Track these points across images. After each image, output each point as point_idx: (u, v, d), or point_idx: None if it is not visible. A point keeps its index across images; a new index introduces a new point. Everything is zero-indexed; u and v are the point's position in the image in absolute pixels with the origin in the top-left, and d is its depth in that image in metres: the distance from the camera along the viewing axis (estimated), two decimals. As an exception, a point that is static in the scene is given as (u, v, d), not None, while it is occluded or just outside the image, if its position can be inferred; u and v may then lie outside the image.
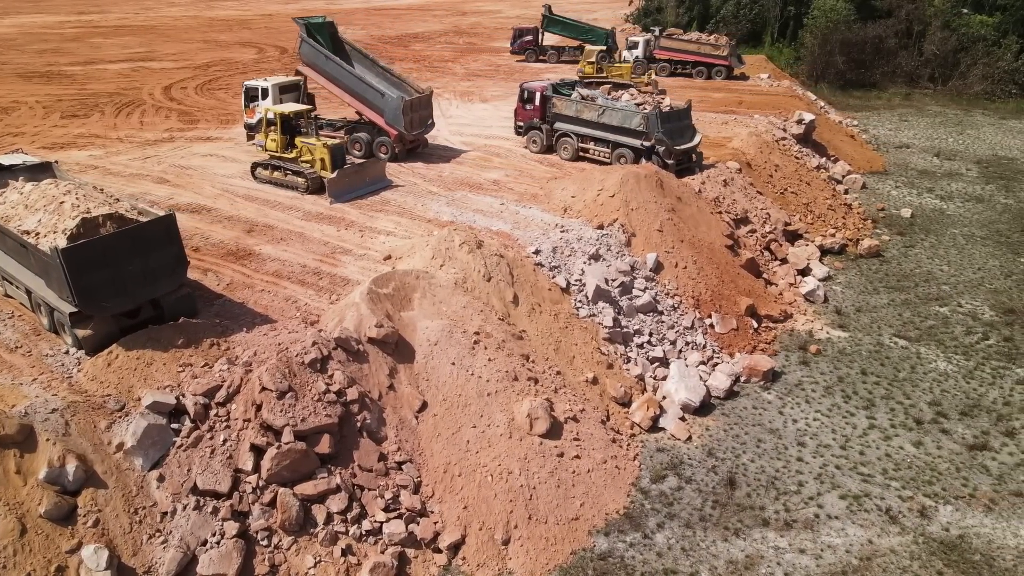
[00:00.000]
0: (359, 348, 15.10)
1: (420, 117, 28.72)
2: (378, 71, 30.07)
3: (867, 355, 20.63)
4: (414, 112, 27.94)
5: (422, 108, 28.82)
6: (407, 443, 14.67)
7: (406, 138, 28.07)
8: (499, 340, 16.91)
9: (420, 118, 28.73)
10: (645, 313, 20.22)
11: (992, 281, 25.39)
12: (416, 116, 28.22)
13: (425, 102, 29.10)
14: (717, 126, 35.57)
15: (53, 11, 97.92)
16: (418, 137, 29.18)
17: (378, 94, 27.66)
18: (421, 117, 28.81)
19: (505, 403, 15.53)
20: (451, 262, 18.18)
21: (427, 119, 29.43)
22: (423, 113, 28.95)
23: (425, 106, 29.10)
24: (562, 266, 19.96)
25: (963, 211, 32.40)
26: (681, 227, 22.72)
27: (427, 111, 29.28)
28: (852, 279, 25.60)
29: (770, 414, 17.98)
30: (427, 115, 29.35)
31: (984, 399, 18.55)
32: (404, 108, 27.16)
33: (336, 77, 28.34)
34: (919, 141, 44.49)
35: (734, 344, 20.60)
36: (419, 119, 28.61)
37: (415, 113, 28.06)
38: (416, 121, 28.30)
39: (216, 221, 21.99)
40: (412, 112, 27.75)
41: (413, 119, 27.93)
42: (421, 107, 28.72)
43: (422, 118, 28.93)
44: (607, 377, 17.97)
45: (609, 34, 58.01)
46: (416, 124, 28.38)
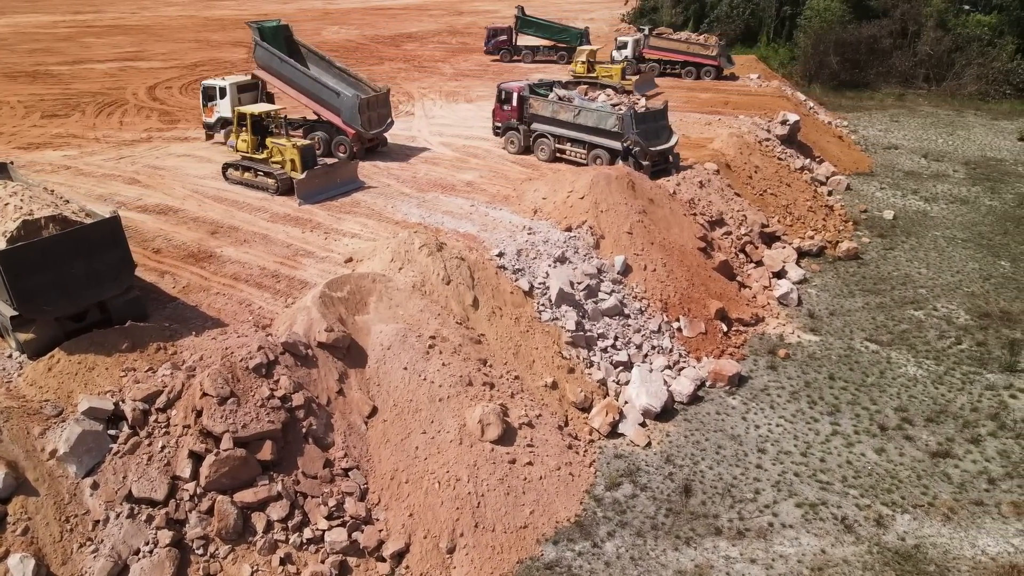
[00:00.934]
0: (308, 353, 14.90)
1: (378, 116, 28.89)
2: (335, 72, 30.23)
3: (836, 359, 20.38)
4: (371, 111, 28.13)
5: (379, 107, 29.02)
6: (355, 449, 14.46)
7: (364, 137, 28.25)
8: (455, 344, 16.70)
9: (378, 116, 28.90)
10: (611, 316, 19.98)
11: (970, 284, 25.11)
12: (374, 115, 28.40)
13: (382, 100, 29.33)
14: (700, 127, 35.32)
15: (50, 11, 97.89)
16: (377, 136, 29.41)
17: (334, 94, 27.81)
18: (379, 115, 29.00)
19: (457, 409, 15.32)
20: (410, 265, 17.98)
21: (386, 117, 29.65)
22: (381, 111, 29.14)
23: (382, 105, 29.33)
24: (526, 269, 19.74)
25: (946, 213, 32.09)
26: (652, 229, 22.48)
27: (385, 109, 29.53)
28: (828, 282, 25.33)
29: (733, 420, 17.74)
30: (385, 113, 29.60)
31: (951, 405, 18.28)
32: (360, 107, 27.32)
33: (291, 79, 28.50)
34: (908, 142, 44.17)
35: (702, 348, 20.36)
36: (377, 117, 28.79)
37: (372, 112, 28.24)
38: (374, 120, 28.50)
39: (182, 222, 21.81)
40: (369, 111, 27.94)
41: (371, 117, 28.12)
42: (379, 106, 28.93)
43: (380, 116, 29.11)
44: (567, 382, 17.75)
45: (582, 34, 57.86)
46: (374, 123, 28.58)
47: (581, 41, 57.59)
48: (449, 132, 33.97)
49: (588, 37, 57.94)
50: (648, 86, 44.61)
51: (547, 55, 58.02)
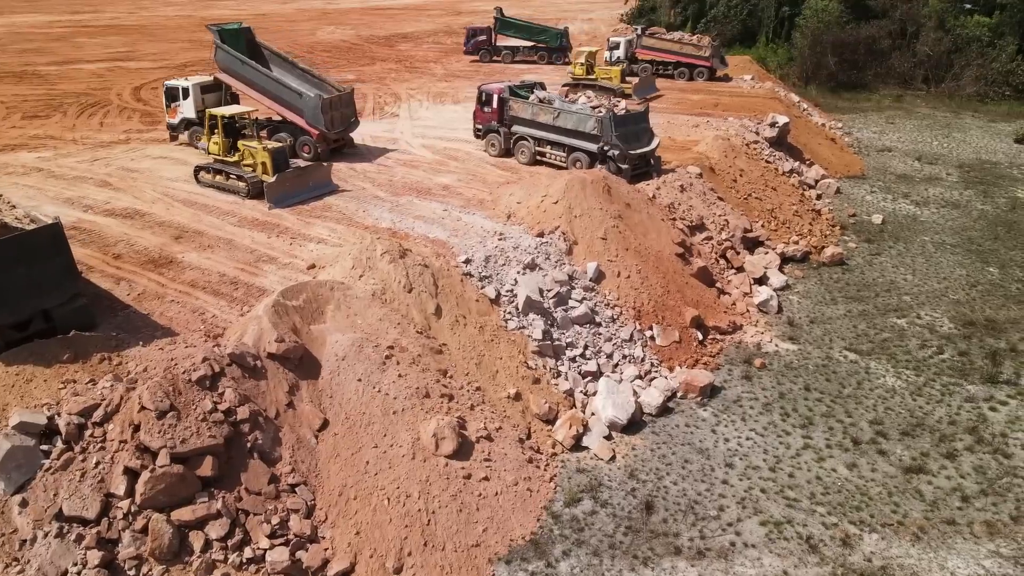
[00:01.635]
0: (256, 364, 14.45)
1: (342, 115, 28.69)
2: (298, 73, 30.00)
3: (813, 369, 19.87)
4: (334, 111, 27.94)
5: (343, 106, 28.83)
6: (303, 464, 14.01)
7: (329, 137, 28.05)
8: (414, 355, 16.25)
9: (342, 116, 28.69)
10: (581, 325, 19.50)
11: (956, 291, 24.56)
12: (337, 115, 28.22)
13: (346, 100, 29.11)
14: (688, 129, 34.81)
15: (48, 10, 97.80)
16: (342, 136, 29.18)
17: (296, 95, 27.58)
18: (343, 115, 28.80)
19: (412, 422, 14.87)
20: (371, 272, 17.53)
21: (350, 117, 29.41)
22: (345, 111, 28.94)
23: (346, 104, 29.12)
24: (494, 276, 19.27)
25: (937, 217, 31.53)
26: (627, 235, 21.99)
27: (349, 109, 29.31)
28: (811, 288, 24.81)
29: (702, 432, 17.25)
30: (349, 113, 29.38)
31: (929, 418, 17.76)
32: (323, 107, 27.12)
33: (253, 81, 28.24)
34: (903, 144, 43.58)
35: (675, 357, 19.86)
36: (340, 117, 28.58)
37: (335, 112, 28.06)
38: (337, 119, 28.29)
39: (147, 227, 21.41)
40: (332, 111, 27.75)
41: (334, 117, 27.91)
42: (342, 105, 28.74)
43: (344, 116, 28.90)
44: (531, 393, 17.27)
45: (562, 34, 57.39)
46: (338, 122, 28.37)
47: (561, 42, 57.31)
48: (432, 134, 33.53)
49: (568, 37, 57.57)
50: (648, 90, 43.68)
51: (527, 55, 57.58)
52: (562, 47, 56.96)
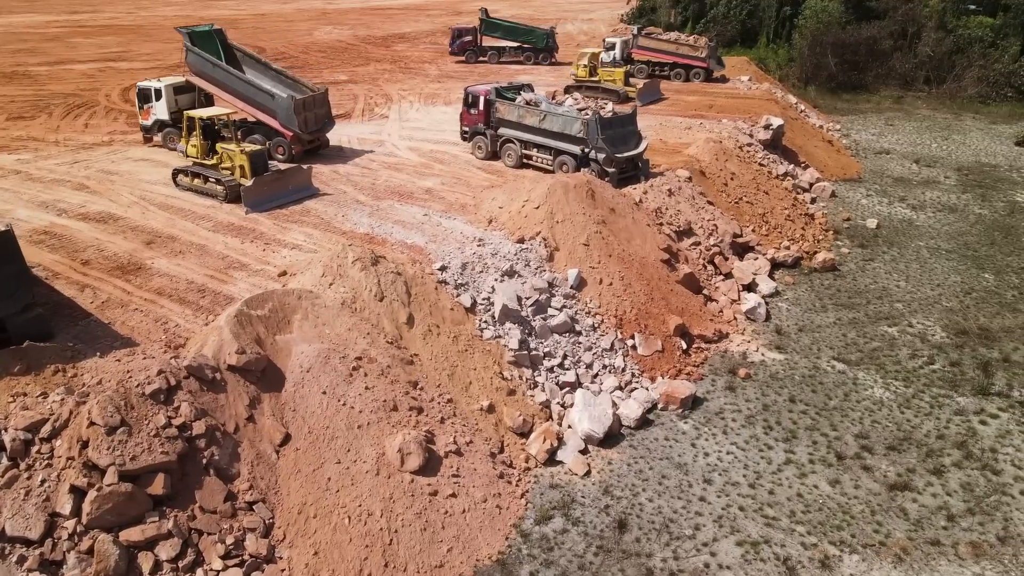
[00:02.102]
0: (215, 377, 13.99)
1: (316, 116, 28.42)
2: (272, 74, 29.76)
3: (800, 380, 19.33)
4: (308, 111, 27.71)
5: (317, 107, 28.59)
6: (262, 480, 13.54)
7: (303, 138, 27.80)
8: (383, 366, 15.77)
9: (316, 117, 28.43)
10: (560, 334, 19.00)
11: (950, 299, 23.98)
12: (311, 115, 27.98)
13: (320, 101, 28.86)
14: (680, 131, 34.27)
15: (46, 10, 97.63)
16: (317, 137, 28.93)
17: (268, 96, 27.29)
18: (317, 116, 28.53)
19: (377, 436, 14.39)
20: (341, 280, 17.05)
21: (324, 118, 29.14)
22: (319, 112, 28.69)
23: (321, 105, 28.87)
24: (470, 284, 18.77)
25: (933, 222, 30.93)
26: (611, 240, 21.48)
27: (323, 110, 29.06)
28: (801, 295, 24.26)
29: (682, 446, 16.73)
30: (324, 114, 29.11)
31: (916, 432, 17.21)
32: (296, 108, 26.85)
33: (225, 83, 27.96)
34: (901, 146, 42.98)
35: (657, 367, 19.35)
36: (315, 118, 28.35)
37: (309, 112, 27.82)
38: (311, 120, 28.06)
39: (120, 231, 20.97)
40: (306, 111, 27.53)
41: (307, 118, 27.67)
42: (316, 106, 28.50)
43: (318, 117, 28.65)
44: (506, 405, 16.78)
45: (549, 34, 56.85)
46: (312, 123, 28.10)
47: (547, 42, 56.78)
48: (420, 136, 33.05)
49: (554, 38, 57.07)
50: (652, 95, 42.62)
51: (514, 56, 57.08)
52: (548, 47, 56.58)
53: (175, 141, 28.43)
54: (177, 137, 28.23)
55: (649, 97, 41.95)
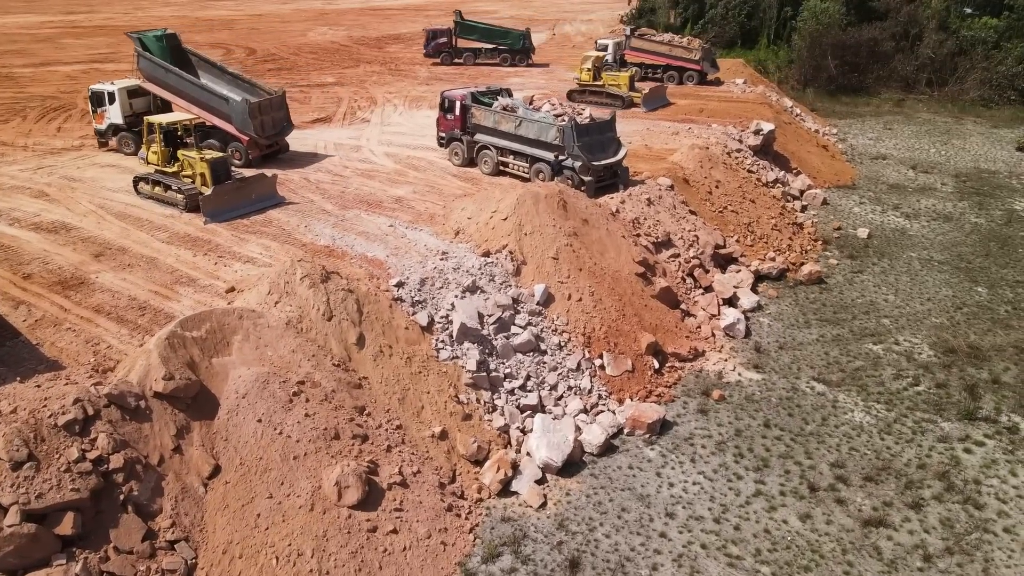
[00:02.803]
0: (139, 405, 13.14)
1: (273, 120, 27.89)
2: (228, 78, 29.13)
3: (777, 403, 18.39)
4: (264, 115, 27.24)
5: (274, 110, 28.03)
6: (186, 517, 12.68)
7: (260, 143, 27.25)
8: (328, 390, 14.91)
9: (273, 120, 27.90)
10: (524, 353, 18.10)
11: (940, 314, 22.98)
12: (268, 119, 27.50)
13: (277, 104, 28.29)
14: (667, 136, 33.30)
15: (43, 10, 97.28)
16: (276, 140, 28.44)
17: (223, 100, 26.72)
18: (274, 119, 27.99)
19: (314, 468, 13.52)
20: (288, 298, 16.19)
21: (282, 121, 28.56)
22: (276, 115, 28.13)
23: (278, 108, 28.30)
24: (429, 300, 17.89)
25: (927, 231, 29.90)
26: (582, 254, 20.56)
27: (281, 113, 28.49)
28: (784, 309, 23.29)
29: (646, 475, 15.81)
30: (281, 117, 28.52)
31: (896, 460, 16.24)
32: (251, 112, 26.35)
33: (179, 89, 27.38)
34: (898, 152, 41.91)
35: (626, 389, 18.43)
36: (272, 121, 27.80)
37: (265, 116, 27.34)
38: (268, 124, 27.54)
39: (70, 242, 20.17)
40: (262, 115, 27.05)
41: (264, 122, 27.17)
42: (273, 109, 27.95)
43: (275, 120, 28.08)
44: (460, 431, 15.90)
45: (524, 35, 55.98)
46: (269, 127, 27.60)
47: (523, 43, 55.94)
48: (399, 141, 32.19)
49: (530, 39, 56.26)
50: (658, 100, 40.96)
51: (489, 57, 56.27)
52: (525, 49, 55.89)
53: (130, 145, 27.94)
54: (132, 141, 27.80)
55: (654, 103, 40.37)
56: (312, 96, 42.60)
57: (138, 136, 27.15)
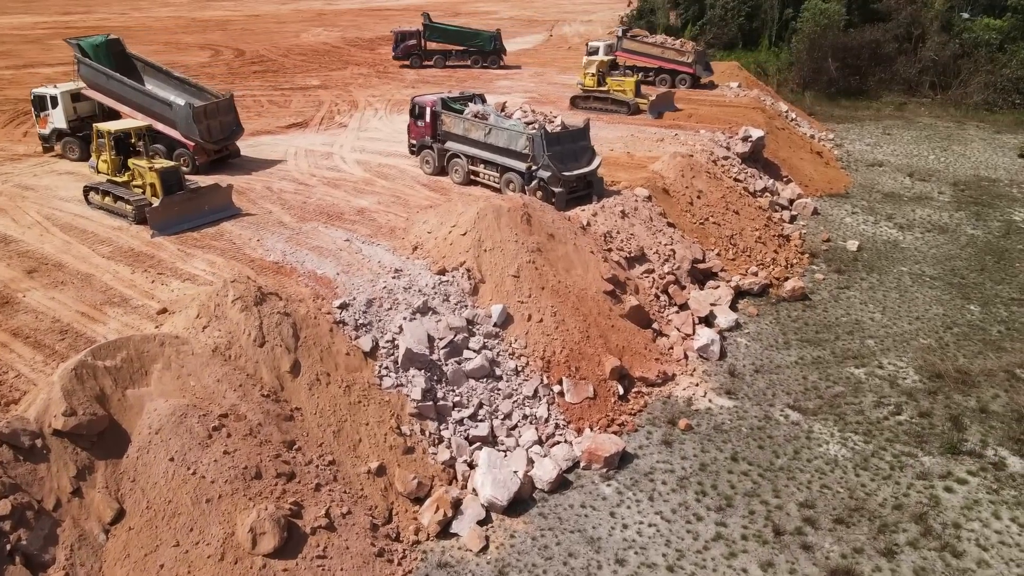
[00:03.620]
0: (35, 444, 12.11)
1: (221, 124, 27.24)
2: (175, 83, 28.51)
3: (747, 433, 17.21)
4: (210, 119, 26.55)
5: (221, 114, 27.31)
6: (83, 568, 11.64)
7: (207, 148, 26.51)
8: (253, 424, 13.85)
9: (221, 125, 27.24)
10: (477, 379, 17.01)
11: (928, 334, 21.75)
12: (215, 123, 26.87)
13: (224, 108, 27.55)
14: (651, 143, 32.15)
15: (40, 11, 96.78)
16: (226, 145, 27.79)
17: (166, 105, 26.00)
18: (222, 124, 27.34)
19: (228, 512, 12.47)
20: (218, 322, 15.13)
21: (230, 125, 27.91)
22: (224, 119, 27.41)
23: (225, 112, 27.55)
24: (375, 323, 16.81)
25: (920, 244, 28.63)
26: (545, 271, 19.44)
27: (229, 117, 27.80)
28: (764, 329, 22.11)
29: (599, 515, 14.69)
30: (230, 121, 27.85)
31: (871, 500, 15.06)
32: (196, 116, 25.68)
33: (121, 95, 26.78)
34: (896, 158, 40.59)
35: (586, 417, 17.31)
36: (219, 126, 27.16)
37: (212, 120, 26.64)
38: (216, 129, 26.85)
39: (5, 257, 19.22)
40: (208, 119, 26.35)
41: (211, 126, 26.45)
42: (220, 113, 27.25)
43: (223, 124, 27.40)
44: (400, 466, 14.83)
45: (495, 37, 54.95)
46: (216, 132, 26.96)
47: (494, 45, 54.89)
48: (373, 148, 31.14)
49: (501, 40, 55.37)
50: (665, 107, 39.17)
51: (460, 59, 55.30)
52: (496, 50, 55.02)
53: (75, 151, 27.38)
54: (77, 147, 27.26)
55: (661, 109, 38.79)
56: (293, 99, 41.61)
57: (83, 141, 26.76)
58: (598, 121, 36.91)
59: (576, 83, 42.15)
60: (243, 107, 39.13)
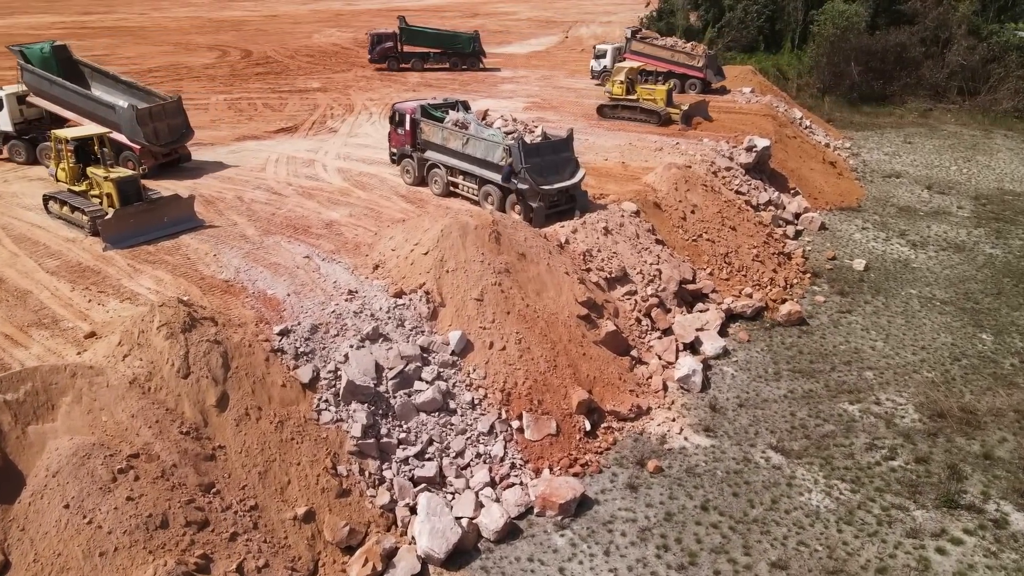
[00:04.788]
0: (-88, 489, 11.09)
1: (168, 126, 26.64)
2: (122, 87, 28.05)
3: (722, 478, 15.75)
4: (157, 122, 26.03)
5: (168, 117, 26.78)
6: (-44, 628, 10.59)
7: (154, 151, 25.86)
8: (167, 465, 12.73)
9: (168, 127, 26.63)
10: (429, 413, 15.76)
11: (933, 366, 20.06)
12: (162, 126, 26.31)
13: (172, 110, 27.02)
14: (649, 153, 30.67)
15: (61, 10, 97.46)
16: (175, 148, 27.15)
17: (109, 109, 25.51)
18: (170, 126, 26.72)
19: (125, 567, 11.34)
20: (140, 351, 14.04)
21: (179, 128, 27.27)
22: (172, 122, 26.86)
23: (172, 115, 27.01)
24: (317, 351, 15.62)
25: (933, 263, 26.81)
26: (513, 294, 18.13)
27: (177, 120, 27.19)
28: (753, 357, 20.58)
29: (547, 570, 13.36)
30: (178, 124, 27.22)
31: (852, 561, 13.53)
32: (140, 118, 25.15)
33: (65, 100, 26.50)
34: (915, 169, 38.60)
35: (547, 456, 15.97)
36: (167, 129, 26.56)
37: (158, 123, 26.15)
38: (163, 131, 26.34)
39: (-53, 271, 18.35)
40: (154, 122, 25.88)
41: (157, 129, 25.87)
42: (167, 116, 26.73)
43: (171, 127, 26.78)
44: (331, 511, 13.61)
45: (474, 39, 53.83)
46: (164, 134, 26.32)
47: (473, 47, 53.55)
48: (358, 155, 30.04)
49: (480, 42, 54.24)
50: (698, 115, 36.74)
51: (438, 62, 54.09)
52: (475, 52, 53.94)
53: (21, 154, 27.17)
54: (23, 150, 27.09)
55: (697, 113, 36.64)
56: (288, 103, 40.71)
57: (30, 144, 26.73)
58: (598, 128, 35.57)
59: (604, 91, 40.08)
60: (236, 110, 38.52)
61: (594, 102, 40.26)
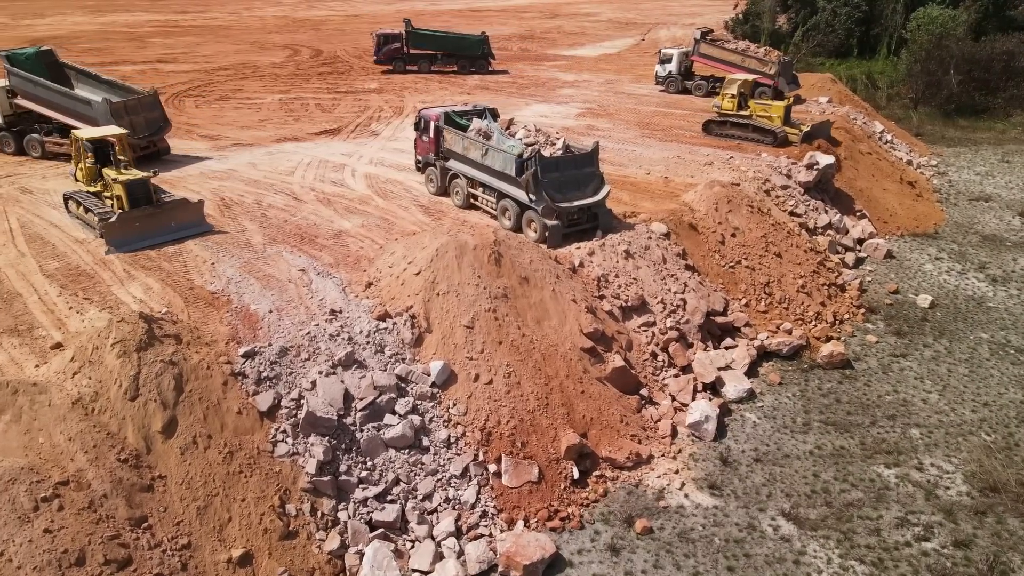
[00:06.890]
0: None
1: (145, 120, 27.55)
2: (105, 86, 29.05)
3: (719, 547, 13.90)
4: (133, 115, 26.82)
5: (144, 110, 27.66)
6: None
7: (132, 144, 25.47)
8: (97, 495, 12.02)
9: (145, 121, 27.53)
10: (398, 450, 14.57)
11: (994, 428, 17.43)
12: (139, 119, 27.15)
13: (148, 104, 28.02)
14: (698, 167, 28.53)
15: (159, 9, 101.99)
16: (152, 141, 28.11)
17: (86, 104, 26.48)
18: (147, 120, 27.66)
19: (29, 608, 10.61)
20: (89, 369, 13.42)
21: (156, 121, 28.30)
22: (148, 116, 27.80)
23: (149, 108, 27.95)
24: (283, 376, 14.67)
25: (1013, 303, 23.72)
26: (507, 322, 16.72)
27: (153, 113, 28.20)
28: (783, 403, 18.43)
29: (497, 644, 11.90)
30: (155, 117, 28.27)
31: (855, 667, 11.49)
32: (115, 112, 25.92)
33: (48, 100, 27.60)
34: (1009, 192, 34.79)
35: (524, 506, 14.52)
36: (143, 122, 27.41)
37: (136, 116, 26.95)
38: (140, 125, 27.10)
39: (-49, 269, 18.46)
40: (130, 115, 26.61)
41: (134, 123, 26.47)
42: (143, 109, 27.61)
43: (148, 121, 27.72)
44: (271, 554, 12.61)
45: (482, 41, 51.61)
46: (141, 128, 27.13)
47: (482, 50, 51.43)
48: (391, 160, 29.20)
49: (488, 44, 52.22)
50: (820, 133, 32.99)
51: (446, 64, 52.35)
52: (484, 55, 52.18)
53: (11, 145, 28.59)
54: (12, 141, 28.56)
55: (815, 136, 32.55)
56: (340, 103, 40.45)
57: (18, 136, 28.29)
58: (650, 138, 33.56)
59: (713, 105, 35.74)
60: (287, 110, 38.54)
61: (652, 110, 38.21)
